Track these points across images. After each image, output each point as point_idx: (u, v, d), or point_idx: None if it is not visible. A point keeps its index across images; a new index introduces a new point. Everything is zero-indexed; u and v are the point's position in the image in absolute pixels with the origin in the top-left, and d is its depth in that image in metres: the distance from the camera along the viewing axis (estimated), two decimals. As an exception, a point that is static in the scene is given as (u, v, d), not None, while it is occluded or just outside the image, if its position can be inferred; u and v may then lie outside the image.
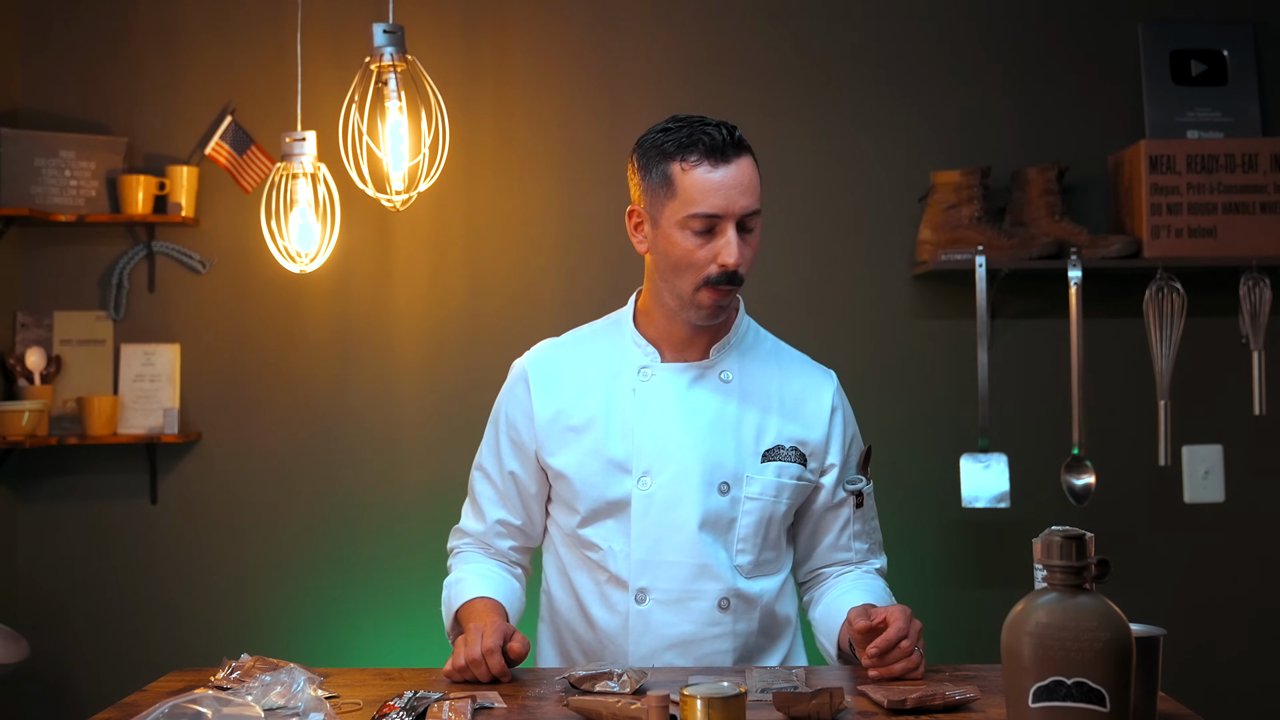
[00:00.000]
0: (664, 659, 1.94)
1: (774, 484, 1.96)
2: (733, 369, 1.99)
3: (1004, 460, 3.07)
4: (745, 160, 1.90)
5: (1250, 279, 3.07)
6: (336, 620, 3.24)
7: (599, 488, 1.95)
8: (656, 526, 1.92)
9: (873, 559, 2.10)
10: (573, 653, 2.04)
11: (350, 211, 3.18)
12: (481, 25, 3.27)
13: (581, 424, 1.97)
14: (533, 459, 2.01)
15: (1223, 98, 3.22)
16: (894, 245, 3.26)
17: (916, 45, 3.28)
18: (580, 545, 1.99)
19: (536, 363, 2.04)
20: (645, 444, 1.94)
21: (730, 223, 1.87)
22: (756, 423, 1.97)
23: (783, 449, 1.97)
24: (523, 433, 2.01)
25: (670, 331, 1.97)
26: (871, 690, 1.68)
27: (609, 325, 2.06)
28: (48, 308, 3.24)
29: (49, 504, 3.24)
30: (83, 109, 3.25)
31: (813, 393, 2.03)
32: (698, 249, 1.87)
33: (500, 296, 3.26)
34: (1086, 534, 1.33)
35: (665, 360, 1.98)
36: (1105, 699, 1.28)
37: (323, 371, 3.26)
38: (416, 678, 1.84)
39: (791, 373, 2.04)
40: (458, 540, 2.13)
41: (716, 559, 1.93)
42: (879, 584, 2.07)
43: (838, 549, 2.06)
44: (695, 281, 1.88)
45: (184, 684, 1.78)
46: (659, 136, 1.91)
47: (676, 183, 1.87)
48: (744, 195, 1.88)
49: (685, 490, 1.92)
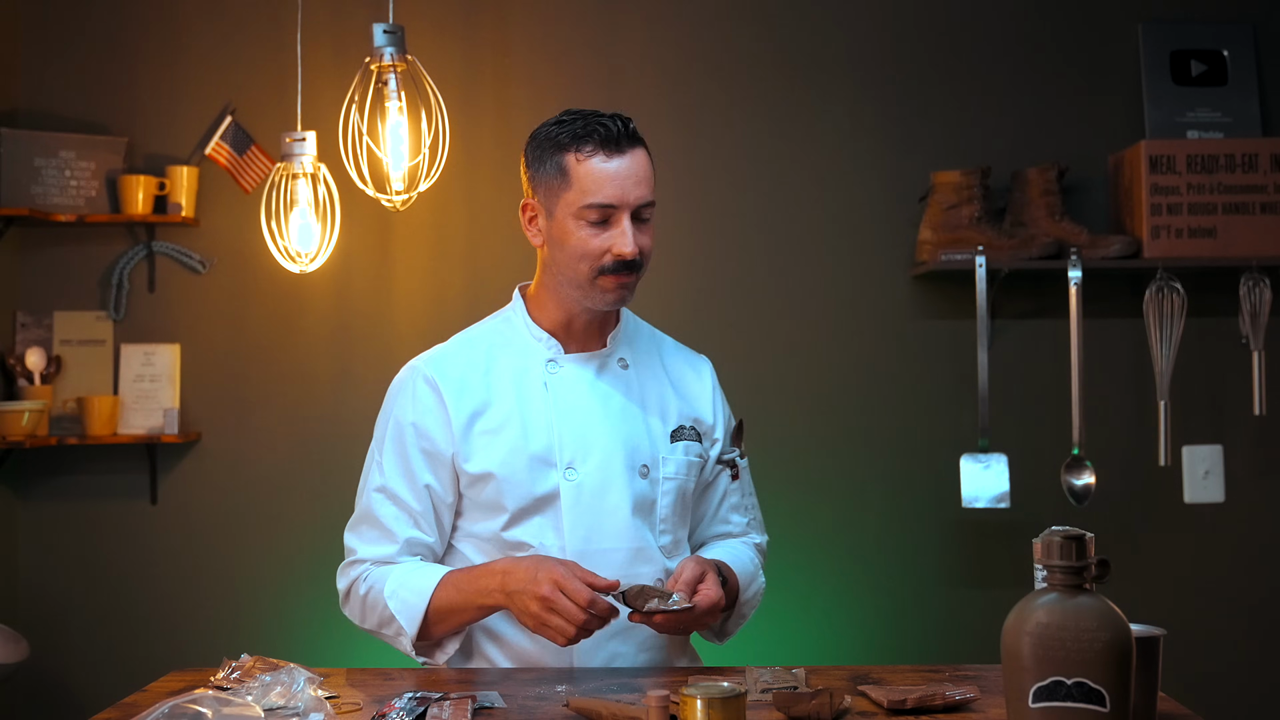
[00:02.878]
0: (608, 648, 1.91)
1: (684, 462, 2.00)
2: (627, 356, 2.03)
3: (1004, 460, 3.07)
4: (639, 151, 1.91)
5: (1250, 279, 3.07)
6: (336, 620, 3.23)
7: (525, 484, 1.91)
8: (589, 515, 1.92)
9: (753, 534, 2.13)
10: (500, 663, 1.95)
11: (350, 211, 3.18)
12: (481, 25, 3.27)
13: (498, 424, 1.94)
14: (449, 467, 1.94)
15: (1223, 98, 3.22)
16: (894, 245, 3.26)
17: (916, 46, 3.28)
18: (505, 548, 1.93)
19: (437, 367, 1.98)
20: (566, 434, 1.94)
21: (625, 213, 1.88)
22: (659, 405, 2.01)
23: (685, 428, 2.02)
24: (438, 441, 1.94)
25: (568, 323, 1.99)
26: (871, 690, 1.68)
27: (500, 324, 2.06)
28: (48, 308, 3.24)
29: (49, 504, 3.24)
30: (83, 109, 3.25)
31: (694, 374, 2.09)
32: (593, 238, 1.89)
33: (500, 296, 3.22)
34: (1086, 534, 1.33)
35: (568, 351, 2.00)
36: (1105, 699, 1.28)
37: (322, 371, 3.26)
38: (416, 678, 1.84)
39: (671, 357, 2.10)
40: (355, 569, 1.98)
41: (647, 541, 1.95)
42: (744, 550, 2.08)
43: (717, 521, 2.10)
44: (592, 270, 1.90)
45: (184, 684, 1.78)
46: (553, 129, 1.93)
47: (571, 173, 1.89)
48: (638, 186, 1.89)
49: (612, 476, 1.93)
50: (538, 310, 2.02)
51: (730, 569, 1.97)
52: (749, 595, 2.03)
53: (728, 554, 2.03)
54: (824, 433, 3.25)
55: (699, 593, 1.80)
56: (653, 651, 1.96)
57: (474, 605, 1.87)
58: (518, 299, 2.06)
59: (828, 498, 3.25)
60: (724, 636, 2.06)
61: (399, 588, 1.90)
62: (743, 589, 2.00)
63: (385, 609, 1.90)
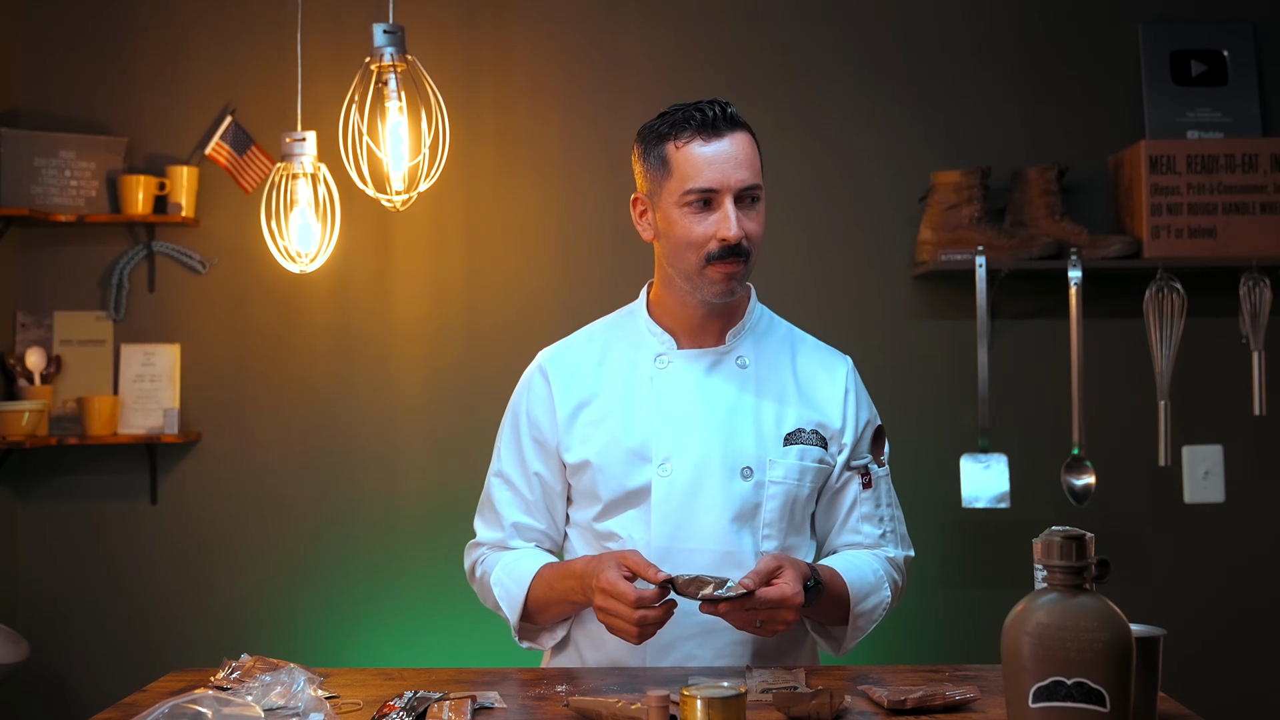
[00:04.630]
0: (684, 649, 1.90)
1: (797, 467, 1.94)
2: (749, 354, 1.98)
3: (1004, 460, 3.07)
4: (740, 135, 1.90)
5: (1250, 279, 3.07)
6: (336, 620, 3.24)
7: (619, 477, 1.92)
8: (678, 512, 1.89)
9: (887, 545, 2.01)
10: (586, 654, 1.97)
11: (350, 211, 3.18)
12: (481, 25, 3.27)
13: (601, 415, 1.95)
14: (555, 456, 1.98)
15: (1223, 98, 3.22)
16: (894, 245, 3.26)
17: (917, 45, 3.28)
18: (598, 539, 1.95)
19: (553, 359, 2.02)
20: (664, 431, 1.92)
21: (727, 196, 1.87)
22: (776, 407, 1.96)
23: (804, 432, 1.96)
24: (545, 430, 1.98)
25: (685, 318, 1.97)
26: (871, 690, 1.68)
27: (622, 317, 2.06)
28: (48, 308, 3.24)
29: (49, 504, 3.24)
30: (83, 109, 3.25)
31: (827, 375, 2.02)
32: (697, 225, 1.87)
33: (500, 296, 3.26)
34: (1086, 534, 1.33)
35: (681, 347, 1.97)
36: (1105, 699, 1.28)
37: (323, 371, 3.26)
38: (416, 678, 1.84)
39: (806, 356, 2.04)
40: (475, 552, 2.06)
41: (741, 546, 1.90)
42: (867, 560, 1.97)
43: (846, 530, 2.00)
44: (699, 259, 1.88)
45: (184, 684, 1.78)
46: (656, 122, 1.93)
47: (671, 161, 1.89)
48: (739, 169, 1.87)
49: (706, 477, 1.90)
50: (656, 306, 2.01)
51: (838, 575, 1.89)
52: (866, 606, 1.93)
53: (843, 562, 1.94)
54: (824, 433, 3.25)
55: (771, 585, 1.73)
56: (732, 659, 1.91)
57: (565, 601, 1.90)
58: (642, 295, 2.05)
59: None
60: (841, 649, 1.99)
61: (504, 576, 1.96)
62: (858, 599, 1.91)
63: (493, 595, 1.97)
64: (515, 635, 1.98)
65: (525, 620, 1.96)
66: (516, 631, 1.97)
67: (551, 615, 1.95)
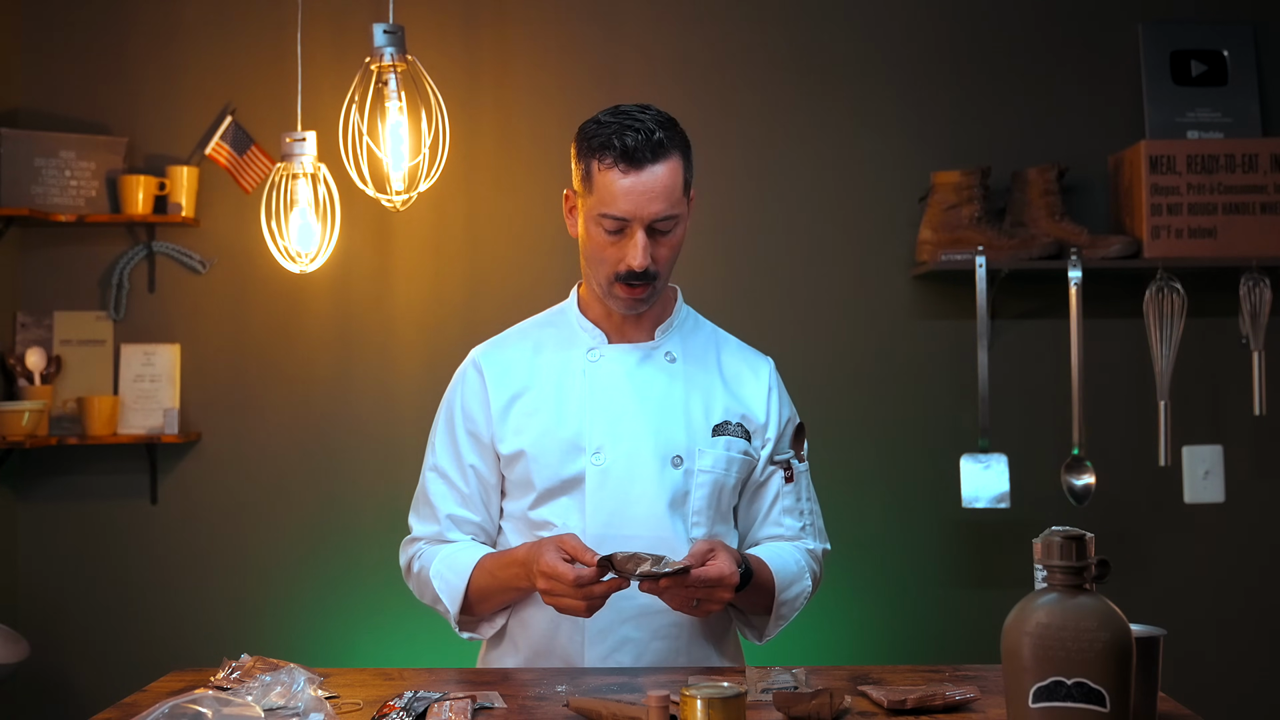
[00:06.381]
0: (620, 632, 1.93)
1: (724, 457, 1.99)
2: (677, 350, 2.04)
3: (1004, 460, 3.07)
4: (662, 166, 1.89)
5: (1250, 279, 3.07)
6: (336, 620, 3.24)
7: (554, 466, 1.96)
8: (612, 500, 1.94)
9: (806, 538, 2.08)
10: (518, 642, 2.00)
11: (350, 211, 3.18)
12: (481, 25, 3.27)
13: (535, 406, 2.00)
14: (490, 449, 2.01)
15: (1223, 98, 3.22)
16: (894, 245, 3.26)
17: (916, 46, 3.28)
18: (533, 528, 1.98)
19: (487, 354, 2.06)
20: (597, 421, 1.96)
21: (639, 226, 1.89)
22: (704, 399, 2.01)
23: (730, 424, 2.01)
24: (479, 423, 2.02)
25: (613, 315, 2.02)
26: (871, 690, 1.68)
27: (553, 315, 2.10)
28: (48, 308, 3.24)
29: (49, 504, 3.24)
30: (83, 109, 3.25)
31: (751, 373, 2.08)
32: (609, 246, 1.91)
33: (500, 296, 3.26)
34: (1086, 534, 1.34)
35: (612, 342, 2.02)
36: (1105, 699, 1.28)
37: (322, 371, 3.26)
38: (416, 678, 1.84)
39: (731, 355, 2.09)
40: (411, 547, 2.08)
41: (674, 533, 1.94)
42: (789, 552, 2.03)
43: (769, 523, 2.07)
44: (609, 276, 1.93)
45: (184, 684, 1.78)
46: (591, 128, 1.93)
47: (594, 179, 1.91)
48: (654, 202, 1.88)
49: (639, 465, 1.95)
50: (585, 302, 2.06)
51: (764, 564, 1.95)
52: (788, 595, 1.98)
53: (768, 552, 2.00)
54: (824, 432, 3.25)
55: (705, 564, 1.78)
56: (667, 640, 1.95)
57: (509, 588, 1.93)
58: (573, 294, 2.09)
59: (827, 497, 3.22)
60: (763, 637, 2.04)
61: (444, 568, 1.98)
62: (781, 588, 1.96)
63: (432, 588, 1.98)
64: (455, 626, 2.00)
65: (465, 612, 1.98)
66: (456, 623, 2.00)
67: (493, 604, 1.98)
